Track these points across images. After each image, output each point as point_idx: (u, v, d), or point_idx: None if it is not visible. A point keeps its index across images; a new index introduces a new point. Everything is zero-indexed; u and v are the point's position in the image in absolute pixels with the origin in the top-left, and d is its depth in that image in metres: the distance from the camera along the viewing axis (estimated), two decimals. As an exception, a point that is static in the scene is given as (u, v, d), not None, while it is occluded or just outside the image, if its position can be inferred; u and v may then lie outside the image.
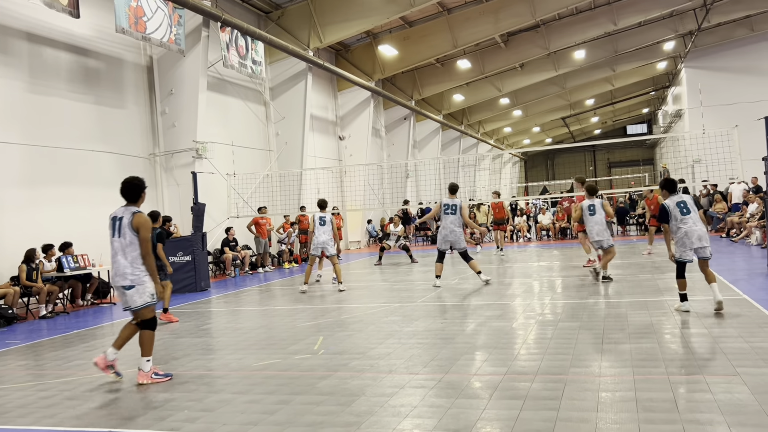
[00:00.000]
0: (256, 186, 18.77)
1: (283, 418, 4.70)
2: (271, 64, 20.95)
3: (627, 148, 57.80)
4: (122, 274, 5.80)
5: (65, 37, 13.44)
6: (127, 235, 5.81)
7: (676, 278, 7.78)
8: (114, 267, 5.89)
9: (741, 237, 17.12)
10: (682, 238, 7.57)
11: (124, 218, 5.85)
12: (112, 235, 5.88)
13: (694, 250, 7.58)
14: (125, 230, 5.81)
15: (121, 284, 5.82)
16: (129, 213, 5.88)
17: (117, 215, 5.91)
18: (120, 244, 5.81)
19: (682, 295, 7.74)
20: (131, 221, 5.81)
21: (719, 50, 31.87)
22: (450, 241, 11.74)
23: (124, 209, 5.96)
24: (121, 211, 5.94)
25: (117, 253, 5.84)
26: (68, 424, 4.90)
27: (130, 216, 5.85)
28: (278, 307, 10.64)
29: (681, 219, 7.59)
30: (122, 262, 5.81)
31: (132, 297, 5.85)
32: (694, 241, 7.52)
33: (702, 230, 7.56)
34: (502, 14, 22.90)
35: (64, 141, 13.29)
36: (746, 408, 4.28)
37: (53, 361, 7.40)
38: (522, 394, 4.89)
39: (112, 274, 5.88)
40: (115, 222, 5.90)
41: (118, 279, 5.84)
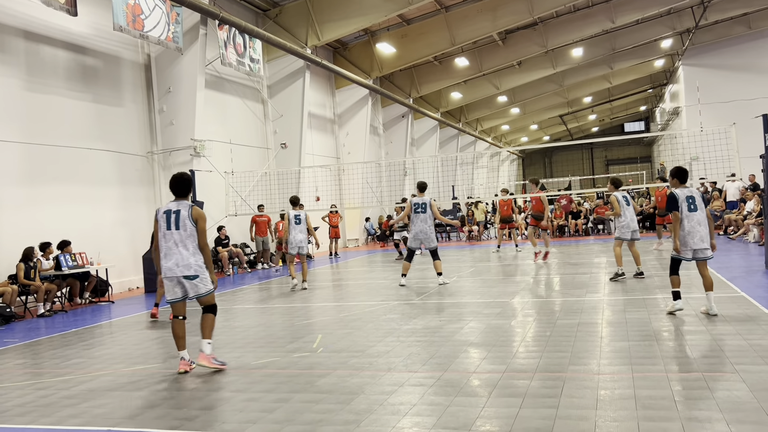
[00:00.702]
0: (254, 184, 18.76)
1: (282, 416, 4.70)
2: (269, 61, 20.92)
3: (624, 146, 57.83)
4: (186, 264, 5.97)
5: (63, 35, 13.41)
6: (188, 227, 5.99)
7: (670, 275, 7.55)
8: (172, 258, 5.98)
9: (738, 234, 17.15)
10: (684, 236, 7.33)
11: (181, 211, 6.01)
12: (167, 228, 6.01)
13: (694, 251, 7.36)
14: (186, 222, 5.99)
15: (185, 274, 5.98)
16: (186, 206, 6.05)
17: (171, 209, 6.06)
18: (180, 236, 5.99)
19: (675, 293, 7.47)
20: (191, 213, 6.00)
21: (717, 48, 31.89)
22: (420, 239, 11.87)
23: (178, 203, 6.11)
24: (174, 205, 6.09)
25: (177, 245, 5.98)
26: (67, 423, 4.90)
27: (188, 208, 6.03)
28: (276, 305, 10.64)
29: (687, 215, 7.31)
30: (185, 253, 5.98)
31: (197, 285, 6.05)
32: (696, 242, 7.29)
33: (705, 231, 7.34)
34: (499, 12, 22.88)
35: (62, 139, 13.26)
36: (744, 405, 4.29)
37: (51, 360, 7.40)
38: (521, 391, 4.90)
39: (170, 264, 5.96)
40: (170, 215, 6.03)
41: (182, 269, 5.97)
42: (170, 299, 6.17)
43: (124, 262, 14.61)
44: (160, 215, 6.09)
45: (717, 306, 7.80)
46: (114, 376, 6.32)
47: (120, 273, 14.34)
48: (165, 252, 6.02)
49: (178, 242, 5.99)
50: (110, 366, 6.82)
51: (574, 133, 58.22)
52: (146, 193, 15.64)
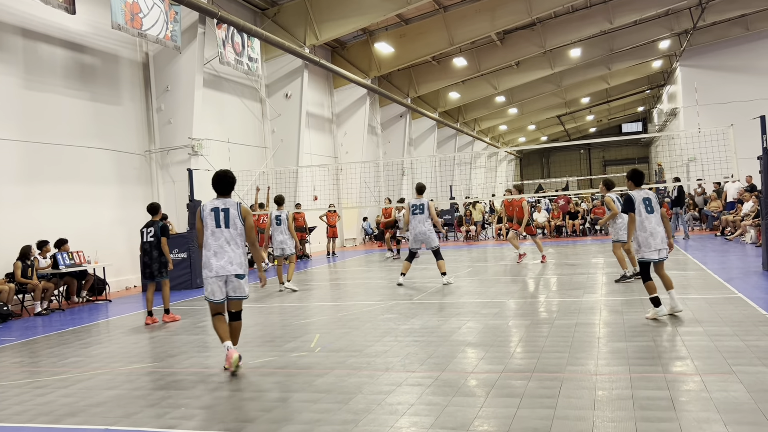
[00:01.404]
0: (252, 183, 18.74)
1: (280, 415, 4.70)
2: (267, 61, 20.91)
3: (622, 147, 57.94)
4: (239, 262, 5.91)
5: (61, 33, 13.38)
6: (238, 225, 5.92)
7: (643, 282, 7.43)
8: (225, 257, 5.89)
9: (736, 235, 17.19)
10: (647, 237, 7.30)
11: (230, 209, 5.92)
12: (216, 226, 5.90)
13: (658, 251, 7.35)
14: (236, 220, 5.91)
15: (236, 272, 5.88)
16: (234, 204, 5.96)
17: (219, 207, 5.95)
18: (230, 234, 5.90)
19: (653, 299, 7.32)
20: (240, 211, 5.90)
21: (715, 49, 31.96)
22: (421, 240, 11.97)
23: (224, 201, 6.02)
24: (221, 203, 5.98)
25: (228, 242, 5.90)
26: (64, 422, 4.89)
27: (237, 206, 5.93)
28: (274, 305, 10.63)
29: (646, 217, 7.32)
30: (237, 251, 5.90)
31: (242, 286, 5.98)
32: (658, 243, 7.30)
33: (663, 232, 7.38)
34: (498, 12, 22.90)
35: (60, 137, 13.24)
36: (742, 406, 4.30)
37: (48, 359, 7.38)
38: (519, 392, 4.90)
39: (223, 263, 5.88)
40: (218, 213, 5.93)
41: (234, 267, 5.88)
42: (217, 299, 6.03)
43: (122, 260, 14.59)
44: (206, 213, 5.97)
45: (714, 307, 7.84)
46: (111, 375, 6.31)
47: (117, 271, 14.33)
48: (215, 250, 5.90)
49: (230, 240, 5.90)
50: (108, 365, 6.81)
51: (572, 133, 58.28)
52: (144, 192, 15.62)
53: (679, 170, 30.04)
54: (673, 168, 32.70)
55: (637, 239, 7.39)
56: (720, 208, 21.22)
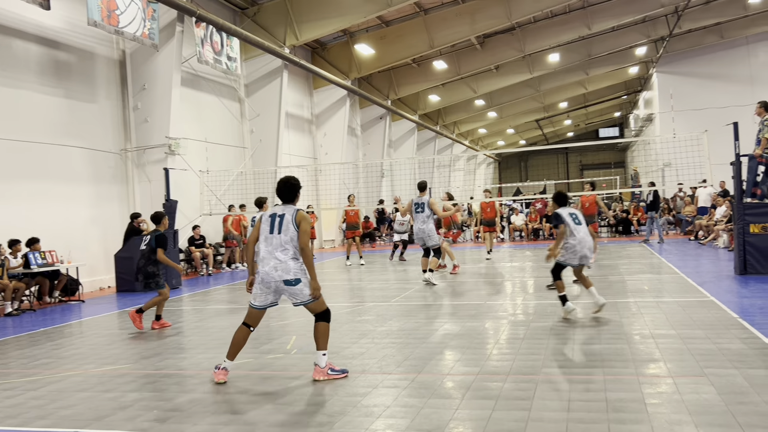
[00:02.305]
0: (229, 183, 18.61)
1: (254, 418, 4.66)
2: (246, 60, 20.78)
3: (599, 151, 58.56)
4: (285, 268, 5.68)
5: (35, 29, 13.16)
6: (290, 230, 5.75)
7: (554, 280, 8.05)
8: (270, 262, 5.70)
9: (709, 240, 17.45)
10: (574, 245, 7.95)
11: (286, 215, 5.82)
12: (269, 232, 5.78)
13: (581, 257, 8.01)
14: (288, 226, 5.76)
15: (285, 278, 5.69)
16: (291, 210, 5.86)
17: (276, 213, 5.86)
18: (279, 240, 5.74)
19: (562, 297, 7.85)
20: (294, 217, 5.81)
21: (690, 56, 32.46)
22: (421, 237, 11.93)
23: (284, 207, 5.90)
24: (280, 209, 5.88)
25: (276, 249, 5.73)
26: (33, 425, 4.80)
27: (293, 212, 5.83)
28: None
29: (576, 228, 8.02)
30: (283, 257, 5.71)
31: (302, 290, 5.73)
32: (585, 251, 7.96)
33: (591, 242, 8.09)
34: (478, 16, 23.00)
35: (33, 134, 13.01)
36: (713, 408, 4.36)
37: (18, 360, 7.24)
38: (494, 394, 4.91)
39: (268, 269, 5.67)
40: (274, 219, 5.82)
41: (281, 273, 5.68)
42: (259, 305, 5.82)
43: (96, 260, 14.38)
44: (264, 218, 5.89)
45: (687, 310, 7.94)
46: (83, 377, 6.21)
47: (91, 272, 14.11)
48: (263, 256, 5.77)
49: (278, 246, 5.73)
50: (79, 366, 6.70)
51: (550, 137, 58.76)
52: (119, 191, 15.41)
53: (654, 175, 30.42)
54: (648, 173, 33.11)
55: (566, 247, 8.04)
56: (694, 212, 21.54)
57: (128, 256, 13.70)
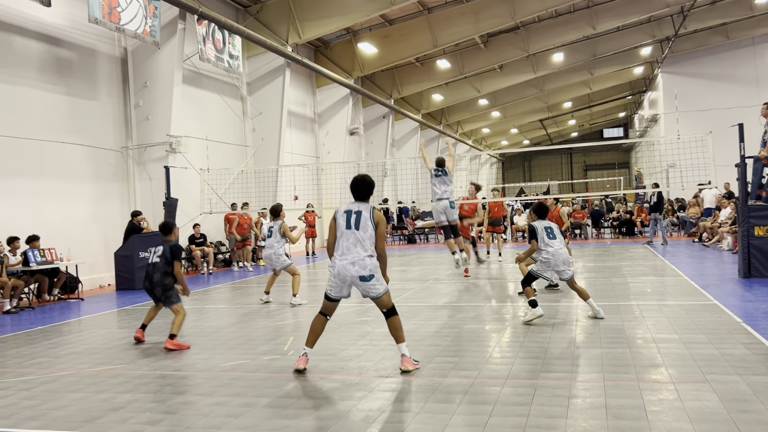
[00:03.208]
0: (231, 182, 18.54)
1: (247, 421, 4.58)
2: (248, 58, 20.70)
3: (603, 152, 58.35)
4: (363, 264, 5.82)
5: (36, 25, 13.10)
6: (369, 229, 5.89)
7: (524, 286, 8.15)
8: (348, 257, 5.83)
9: (713, 242, 17.32)
10: (548, 259, 8.09)
11: (363, 212, 5.94)
12: (346, 227, 5.91)
13: (557, 272, 8.12)
14: (367, 223, 5.90)
15: (361, 274, 5.81)
16: (368, 208, 5.98)
17: (352, 209, 5.97)
18: (358, 236, 5.87)
19: (532, 302, 7.90)
20: (372, 215, 5.93)
21: (695, 56, 32.28)
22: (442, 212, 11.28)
23: (359, 204, 6.02)
24: (356, 206, 6.00)
25: (355, 245, 5.86)
26: (24, 426, 4.73)
27: (370, 210, 5.96)
28: (250, 306, 10.47)
29: (547, 242, 8.16)
30: (362, 253, 5.85)
31: (375, 286, 5.88)
32: (559, 264, 8.05)
33: (566, 255, 8.22)
34: (482, 15, 22.89)
35: (34, 132, 12.96)
36: (715, 416, 4.26)
37: (14, 359, 7.18)
38: (492, 399, 4.83)
39: (346, 263, 5.80)
40: (350, 215, 5.94)
41: (357, 269, 5.80)
42: (335, 296, 5.99)
43: (96, 258, 14.33)
44: (339, 215, 6.00)
45: (690, 314, 7.84)
46: (77, 377, 6.15)
47: (91, 269, 14.06)
48: (342, 251, 5.91)
49: (357, 242, 5.87)
50: (74, 366, 6.64)
51: (554, 137, 58.59)
52: (120, 189, 15.36)
53: (658, 176, 30.26)
54: (652, 174, 32.95)
55: (540, 260, 8.19)
56: (698, 214, 21.40)
57: (128, 254, 13.66)
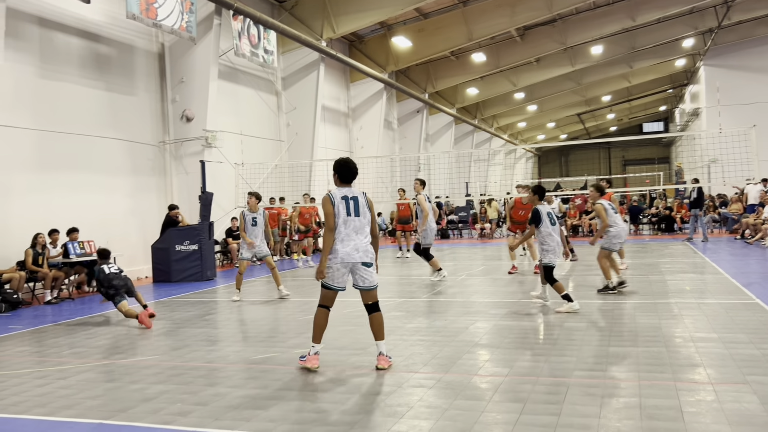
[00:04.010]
0: (265, 176, 18.68)
1: (276, 414, 4.59)
2: (283, 53, 20.82)
3: (642, 146, 57.13)
4: (366, 250, 5.83)
5: (76, 22, 13.38)
6: (367, 214, 5.88)
7: (551, 284, 8.25)
8: (351, 244, 5.77)
9: (756, 239, 16.82)
10: (554, 247, 8.31)
11: (359, 198, 5.87)
12: (347, 214, 5.80)
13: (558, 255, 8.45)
14: (365, 209, 5.87)
15: (363, 260, 5.79)
16: (361, 194, 5.93)
17: (349, 195, 5.85)
18: (360, 222, 5.83)
19: (565, 296, 8.07)
20: (367, 201, 5.92)
21: (739, 48, 31.30)
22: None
23: (352, 189, 5.92)
24: (350, 192, 5.89)
25: (357, 231, 5.82)
26: (60, 414, 4.83)
27: (364, 196, 5.93)
28: (282, 299, 10.53)
29: (553, 228, 8.38)
30: (363, 240, 5.84)
31: (372, 274, 5.87)
32: (557, 251, 8.38)
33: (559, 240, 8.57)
34: (518, 8, 22.59)
35: (75, 127, 13.25)
36: (755, 419, 4.12)
37: (53, 348, 7.35)
38: (523, 396, 4.75)
39: (349, 249, 5.74)
40: (348, 201, 5.83)
41: (361, 255, 5.78)
42: (339, 286, 5.88)
43: (134, 250, 14.61)
44: (338, 201, 5.80)
45: (730, 313, 7.62)
46: (112, 367, 6.26)
47: (129, 262, 14.31)
48: (343, 237, 5.79)
49: (358, 229, 5.83)
50: (109, 356, 6.76)
51: (592, 132, 57.61)
52: (157, 183, 15.62)
53: (699, 171, 29.54)
54: (693, 169, 32.17)
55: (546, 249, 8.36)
56: (741, 210, 20.81)
57: (165, 247, 13.88)
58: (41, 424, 4.65)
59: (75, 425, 4.59)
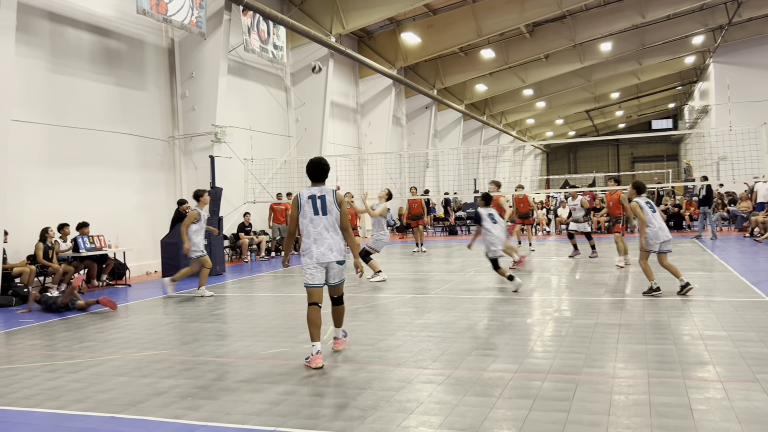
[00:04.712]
0: (274, 172, 18.72)
1: (286, 409, 4.62)
2: (292, 49, 20.83)
3: (651, 143, 56.89)
4: (338, 249, 6.01)
5: (87, 17, 13.43)
6: (335, 212, 6.00)
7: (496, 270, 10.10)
8: (325, 243, 5.94)
9: (765, 237, 16.73)
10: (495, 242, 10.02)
11: (326, 196, 5.99)
12: (314, 213, 5.94)
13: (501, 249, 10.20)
14: (332, 207, 5.99)
15: (336, 259, 5.99)
16: (330, 191, 6.04)
17: (315, 194, 5.98)
18: (328, 220, 5.97)
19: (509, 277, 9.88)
20: (335, 198, 6.01)
21: (749, 46, 31.10)
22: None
23: (320, 188, 6.03)
24: (317, 191, 6.01)
25: (327, 230, 5.97)
26: (71, 408, 4.87)
27: (332, 193, 6.03)
28: (292, 294, 10.58)
29: (492, 226, 10.04)
30: (336, 237, 6.02)
31: (341, 272, 6.11)
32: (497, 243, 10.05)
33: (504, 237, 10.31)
34: (527, 4, 22.52)
35: (85, 121, 13.32)
36: (765, 417, 4.11)
37: (63, 342, 7.41)
38: (532, 393, 4.76)
39: (323, 250, 5.93)
40: (315, 201, 5.97)
41: (335, 254, 5.97)
42: (318, 284, 6.01)
43: (143, 245, 14.68)
44: (304, 200, 5.98)
45: (740, 311, 7.59)
46: (123, 361, 6.31)
47: (138, 256, 14.41)
48: (315, 237, 5.94)
49: (329, 227, 5.96)
50: (120, 350, 6.81)
51: (600, 128, 57.40)
52: (167, 178, 15.68)
53: (708, 169, 29.38)
54: (702, 167, 32.01)
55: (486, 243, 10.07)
56: (750, 208, 20.70)
57: (174, 242, 13.87)
58: (53, 417, 4.70)
59: (86, 418, 4.64)
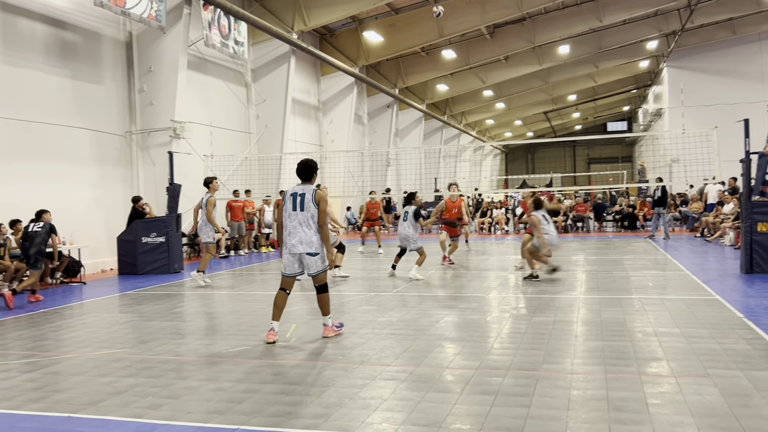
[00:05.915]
0: (234, 169, 18.52)
1: (249, 407, 4.60)
2: (254, 45, 20.63)
3: (607, 145, 58.17)
4: (309, 242, 6.53)
5: (41, 8, 13.06)
6: (311, 209, 6.54)
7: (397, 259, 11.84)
8: (296, 236, 6.54)
9: (715, 237, 17.30)
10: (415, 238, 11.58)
11: (306, 194, 6.57)
12: (293, 209, 6.58)
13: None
14: (309, 204, 6.54)
15: (307, 251, 6.53)
16: (310, 190, 6.61)
17: (297, 192, 6.62)
18: (303, 216, 6.54)
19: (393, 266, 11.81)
20: (314, 196, 6.55)
21: (701, 51, 32.09)
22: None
23: (303, 187, 6.66)
24: (300, 189, 6.64)
25: (301, 224, 6.55)
26: (26, 408, 4.75)
27: (312, 192, 6.57)
28: (252, 292, 10.50)
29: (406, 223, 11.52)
30: (308, 231, 6.54)
31: (316, 263, 6.60)
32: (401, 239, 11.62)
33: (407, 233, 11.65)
34: (488, 5, 22.78)
35: (39, 115, 12.94)
36: (716, 410, 4.27)
37: (16, 341, 7.21)
38: (494, 389, 4.84)
39: (294, 242, 6.53)
40: (296, 197, 6.59)
41: (304, 247, 6.52)
42: (289, 273, 6.66)
43: (99, 242, 14.35)
44: (287, 197, 6.64)
45: (692, 308, 7.85)
46: (80, 360, 6.17)
47: (93, 254, 14.09)
48: (290, 230, 6.58)
49: (302, 222, 6.53)
50: (76, 349, 6.66)
51: (558, 130, 58.43)
52: (123, 174, 15.36)
53: (661, 170, 30.21)
54: (656, 168, 32.90)
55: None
56: (701, 209, 21.37)
57: (131, 239, 13.68)
58: (8, 418, 4.57)
59: (43, 419, 4.53)
